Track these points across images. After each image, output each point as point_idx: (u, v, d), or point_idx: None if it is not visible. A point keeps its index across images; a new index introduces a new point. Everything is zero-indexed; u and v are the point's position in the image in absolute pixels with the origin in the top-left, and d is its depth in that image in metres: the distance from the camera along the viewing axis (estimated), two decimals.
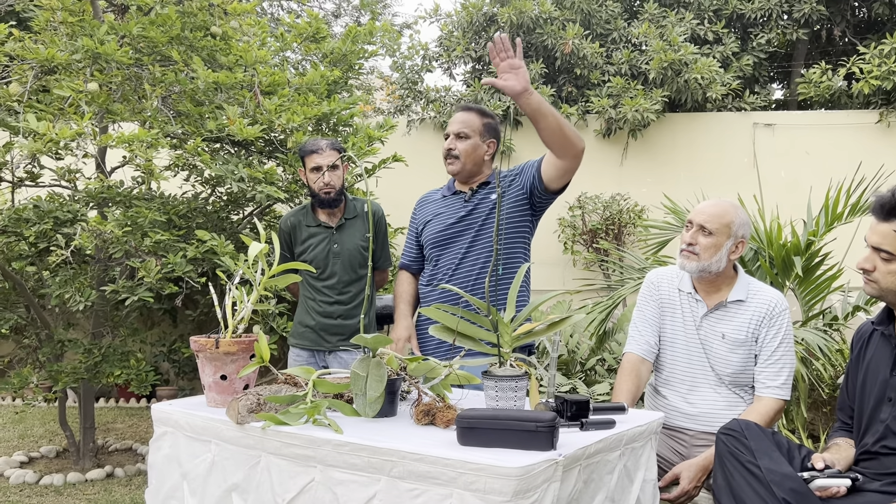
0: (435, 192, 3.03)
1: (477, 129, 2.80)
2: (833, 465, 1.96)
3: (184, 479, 2.08)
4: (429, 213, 2.96)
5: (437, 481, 1.63)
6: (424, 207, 3.01)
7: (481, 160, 2.83)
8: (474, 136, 2.80)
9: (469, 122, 2.80)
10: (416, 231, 3.00)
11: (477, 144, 2.81)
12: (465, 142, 2.80)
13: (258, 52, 4.04)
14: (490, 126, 2.83)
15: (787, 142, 6.51)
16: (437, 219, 2.89)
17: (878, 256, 1.90)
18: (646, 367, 2.60)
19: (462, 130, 2.79)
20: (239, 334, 2.20)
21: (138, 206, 3.62)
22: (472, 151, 2.80)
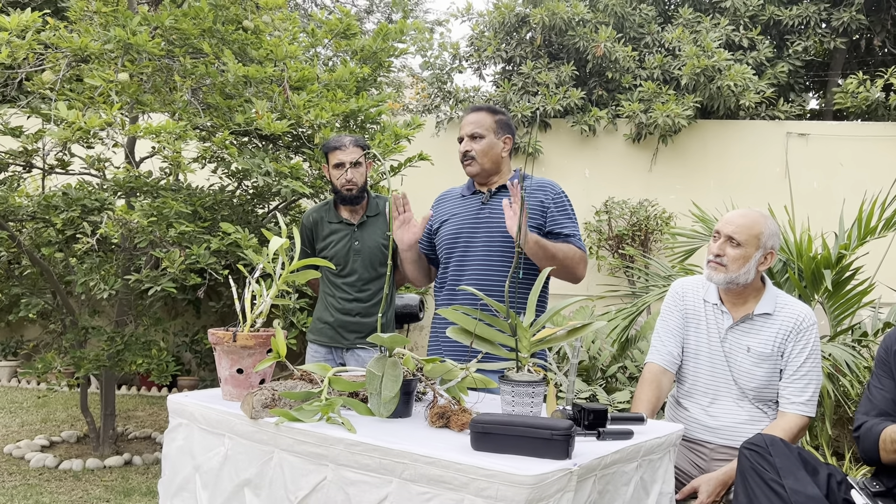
0: (454, 190, 2.96)
1: (490, 127, 2.76)
2: None
3: (196, 471, 2.08)
4: (446, 212, 2.90)
5: (448, 486, 1.61)
6: (442, 205, 2.95)
7: (499, 158, 2.78)
8: (489, 135, 2.75)
9: (481, 122, 2.76)
10: (430, 227, 2.93)
11: (492, 143, 2.76)
12: (480, 142, 2.75)
13: (289, 47, 4.04)
14: (503, 122, 2.79)
15: (820, 152, 6.39)
16: (453, 219, 2.83)
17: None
18: (667, 377, 2.55)
19: (475, 131, 2.75)
20: (257, 328, 2.19)
21: (165, 197, 3.64)
22: (489, 150, 2.75)
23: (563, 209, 2.74)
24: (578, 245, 2.71)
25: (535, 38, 7.23)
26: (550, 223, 2.70)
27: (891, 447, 1.99)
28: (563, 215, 2.73)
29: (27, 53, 3.52)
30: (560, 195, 2.76)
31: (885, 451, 2.01)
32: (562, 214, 2.72)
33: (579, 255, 2.70)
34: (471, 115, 2.81)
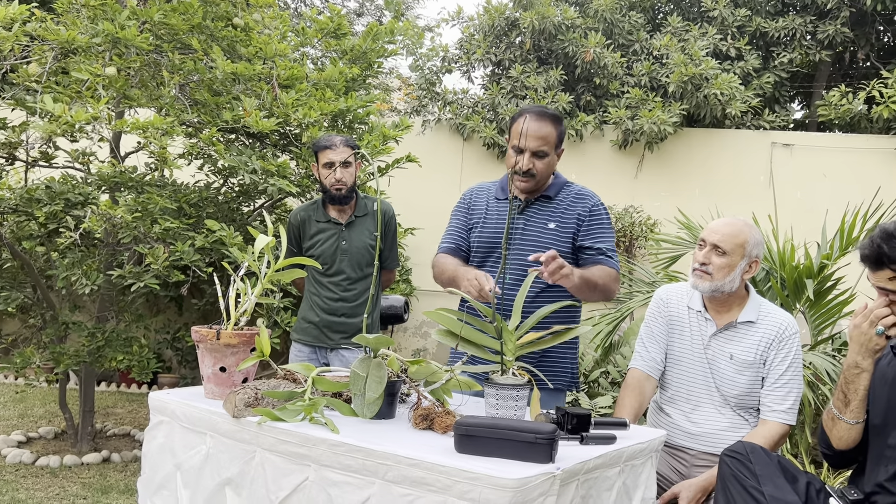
0: (490, 186, 2.71)
1: (553, 143, 2.51)
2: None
3: (177, 469, 2.06)
4: (480, 211, 2.66)
5: (431, 488, 1.61)
6: (478, 202, 2.69)
7: (552, 171, 2.59)
8: (552, 153, 2.51)
9: (548, 138, 2.48)
10: (468, 218, 2.68)
11: (552, 161, 2.54)
12: (544, 160, 2.49)
13: (278, 45, 4.03)
14: (562, 134, 2.56)
15: (804, 163, 6.45)
16: (487, 225, 2.62)
17: (888, 298, 1.89)
18: (650, 383, 2.56)
19: (542, 149, 2.47)
20: (241, 327, 2.18)
21: (150, 193, 3.62)
22: (547, 169, 2.53)
23: (599, 222, 2.59)
24: (612, 264, 2.56)
25: (525, 42, 7.26)
26: (583, 236, 2.56)
27: (829, 423, 2.05)
28: (598, 229, 2.58)
29: (13, 45, 3.48)
30: (598, 207, 2.61)
31: (828, 430, 2.07)
32: (597, 228, 2.58)
33: (614, 276, 2.56)
34: (537, 125, 2.49)
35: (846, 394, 1.99)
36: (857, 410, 1.98)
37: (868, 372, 1.95)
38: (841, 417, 2.00)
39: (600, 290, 2.51)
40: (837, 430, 2.01)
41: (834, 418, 2.01)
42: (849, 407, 1.98)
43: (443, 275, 2.59)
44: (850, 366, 1.98)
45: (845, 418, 1.99)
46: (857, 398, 1.97)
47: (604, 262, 2.55)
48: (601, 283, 2.50)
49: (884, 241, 1.86)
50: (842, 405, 2.00)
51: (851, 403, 1.98)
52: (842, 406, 2.00)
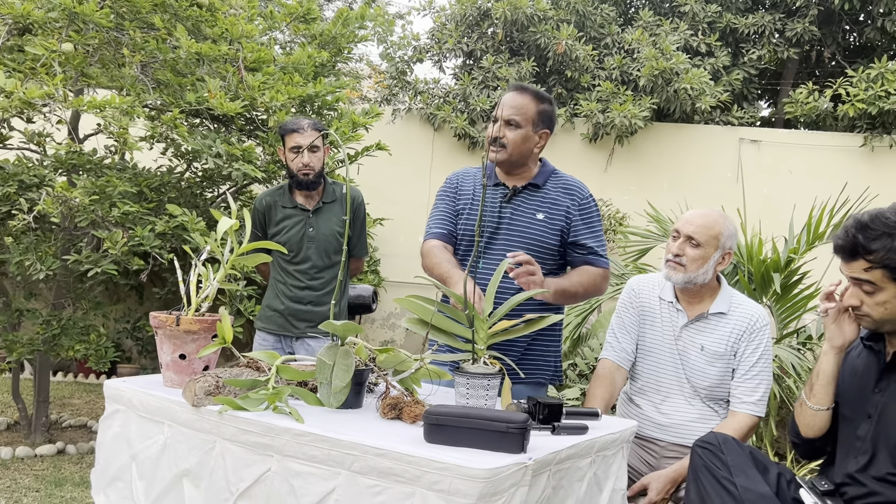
0: (476, 172, 2.64)
1: (531, 117, 2.44)
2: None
3: (133, 460, 1.98)
4: (467, 198, 2.57)
5: (399, 479, 1.55)
6: (464, 187, 2.60)
7: (530, 153, 2.47)
8: (526, 126, 2.44)
9: (523, 109, 2.43)
10: (454, 205, 2.57)
11: (528, 136, 2.45)
12: (516, 131, 2.43)
13: (245, 26, 3.92)
14: (546, 114, 2.47)
15: (771, 159, 6.51)
16: (474, 211, 2.53)
17: (861, 290, 1.88)
18: (621, 374, 2.53)
19: (514, 118, 2.42)
20: (202, 313, 2.10)
21: (109, 175, 3.49)
22: (522, 143, 2.44)
23: (589, 217, 2.52)
24: (601, 263, 2.50)
25: (497, 33, 7.21)
26: (574, 232, 2.49)
27: (797, 409, 2.06)
28: (587, 225, 2.51)
29: None
30: (587, 200, 2.53)
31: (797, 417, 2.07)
32: (586, 224, 2.51)
33: (601, 277, 2.50)
34: (514, 95, 2.46)
35: (811, 378, 1.99)
36: (819, 395, 1.98)
37: (827, 355, 1.96)
38: (806, 402, 2.00)
39: (582, 297, 2.49)
40: (803, 416, 2.01)
41: (801, 403, 2.03)
42: (812, 391, 1.99)
43: (434, 269, 2.46)
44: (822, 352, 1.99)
45: (809, 403, 2.00)
46: (819, 382, 1.97)
47: (593, 262, 2.50)
48: (582, 291, 2.46)
49: (859, 232, 1.85)
50: (808, 390, 2.01)
51: (814, 388, 1.99)
52: (808, 391, 2.01)
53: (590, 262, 2.51)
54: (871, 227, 1.83)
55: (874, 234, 1.83)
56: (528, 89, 2.49)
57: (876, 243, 1.82)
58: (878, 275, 1.85)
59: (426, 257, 2.51)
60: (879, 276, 1.85)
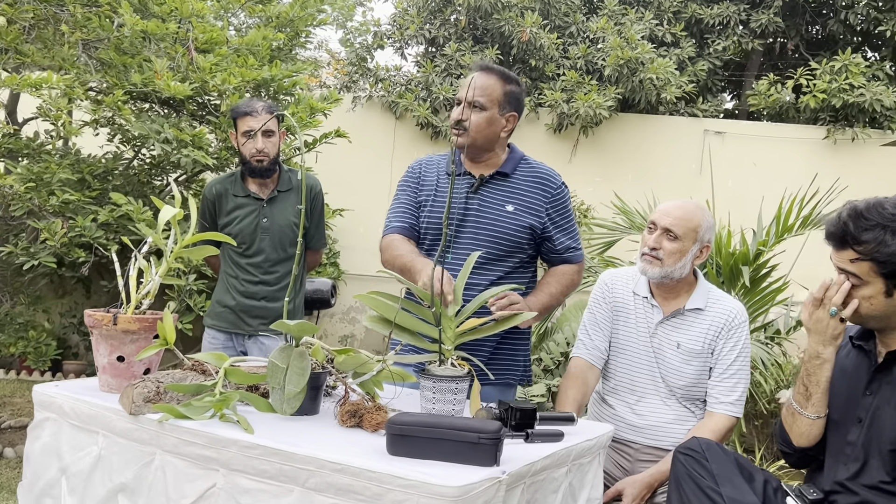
0: (440, 160, 2.46)
1: (496, 99, 2.28)
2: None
3: (63, 474, 1.80)
4: (430, 188, 2.41)
5: (359, 497, 1.41)
6: (427, 174, 2.44)
7: (496, 137, 2.32)
8: (492, 108, 2.28)
9: (488, 90, 2.27)
10: (416, 196, 2.41)
11: (493, 118, 2.29)
12: (480, 114, 2.27)
13: (196, 4, 3.69)
14: (513, 96, 2.32)
15: (736, 151, 6.49)
16: (437, 204, 2.37)
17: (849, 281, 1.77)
18: (594, 373, 2.41)
19: (478, 100, 2.26)
20: (143, 311, 1.92)
21: (47, 161, 3.25)
22: (486, 126, 2.29)
23: (563, 211, 2.39)
24: (577, 257, 2.41)
25: (460, 20, 7.05)
26: (547, 230, 2.35)
27: (789, 419, 1.93)
28: (562, 218, 2.38)
29: None
30: (560, 190, 2.38)
31: (788, 427, 1.94)
32: (561, 217, 2.38)
33: (577, 272, 2.41)
34: (479, 75, 2.30)
35: (807, 387, 1.85)
36: (818, 404, 1.85)
37: (830, 362, 1.83)
38: (802, 412, 1.87)
39: (562, 301, 2.43)
40: (798, 427, 1.87)
41: (794, 413, 1.88)
42: (810, 401, 1.85)
43: (395, 261, 2.28)
44: (811, 357, 1.85)
45: (807, 413, 1.86)
46: (820, 391, 1.84)
47: (569, 259, 2.41)
48: (563, 298, 2.42)
49: (851, 219, 1.74)
50: (803, 399, 1.87)
51: (813, 397, 1.85)
52: (803, 400, 1.87)
53: (566, 259, 2.40)
54: (865, 217, 1.72)
55: (867, 223, 1.72)
56: (495, 69, 2.34)
57: (867, 234, 1.72)
58: (864, 268, 1.75)
59: (386, 251, 2.34)
60: (866, 269, 1.75)
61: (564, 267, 2.40)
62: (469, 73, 2.35)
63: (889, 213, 1.71)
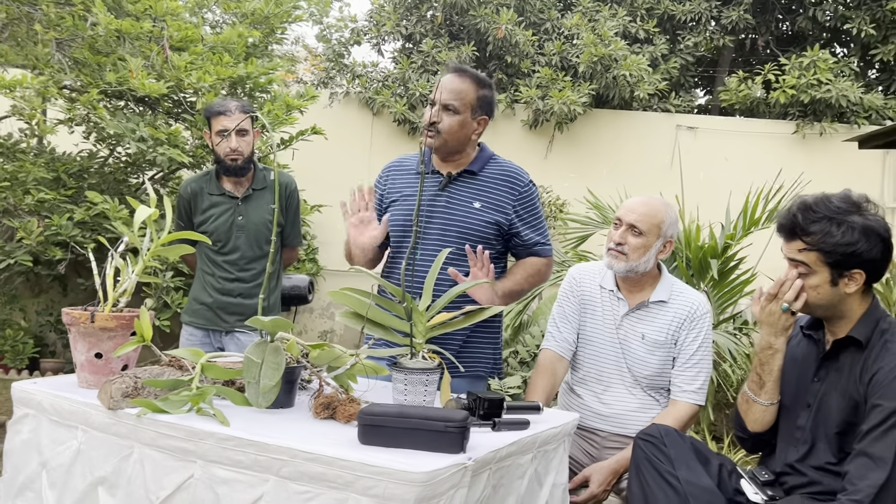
0: (407, 160, 2.54)
1: (469, 102, 2.34)
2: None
3: (43, 468, 1.84)
4: (397, 188, 2.48)
5: (331, 484, 1.47)
6: (394, 179, 2.52)
7: (467, 139, 2.39)
8: (464, 112, 2.34)
9: (462, 94, 2.33)
10: (381, 204, 2.52)
11: (465, 122, 2.35)
12: (454, 117, 2.33)
13: (170, 2, 3.71)
14: (485, 100, 2.39)
15: (707, 146, 6.61)
16: (405, 201, 2.44)
17: (797, 271, 1.87)
18: (562, 364, 2.49)
19: (452, 103, 2.32)
20: (120, 308, 1.96)
21: (22, 160, 3.27)
22: (459, 129, 2.35)
23: (530, 207, 2.44)
24: (544, 252, 2.47)
25: (436, 16, 7.10)
26: (514, 225, 2.41)
27: (744, 406, 2.04)
28: (529, 213, 2.44)
29: None
30: (527, 188, 2.44)
31: (743, 414, 2.05)
32: (528, 212, 2.43)
33: (545, 266, 2.47)
34: (453, 78, 2.36)
35: (761, 375, 1.96)
36: (771, 391, 1.96)
37: (781, 352, 1.93)
38: (756, 400, 1.97)
39: (528, 291, 2.49)
40: (752, 413, 1.98)
41: (749, 401, 1.98)
42: (763, 388, 1.96)
43: (347, 253, 2.50)
44: (763, 348, 1.95)
45: (760, 400, 1.96)
46: (772, 379, 1.94)
47: (537, 253, 2.47)
48: (528, 287, 2.48)
49: (800, 212, 1.84)
50: (756, 387, 1.97)
51: (766, 385, 1.95)
52: (756, 388, 1.97)
53: (534, 253, 2.47)
54: (813, 210, 1.83)
55: (815, 216, 1.83)
56: (469, 72, 2.40)
57: (815, 226, 1.83)
58: (812, 257, 1.85)
59: (349, 253, 2.51)
60: (814, 258, 1.85)
61: (531, 259, 2.47)
62: (444, 73, 2.41)
63: (835, 206, 1.81)
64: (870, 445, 1.72)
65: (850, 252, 1.81)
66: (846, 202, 1.84)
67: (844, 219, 1.81)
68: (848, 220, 1.81)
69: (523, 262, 2.47)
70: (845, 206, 1.83)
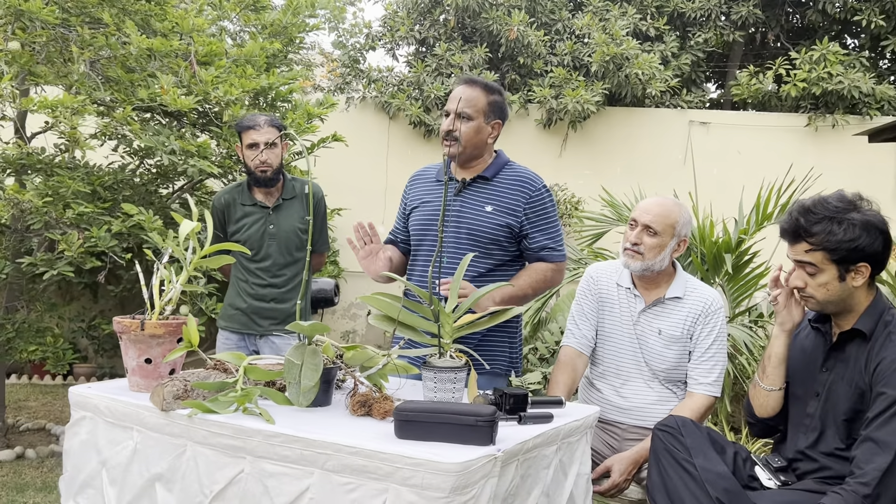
0: (430, 169, 2.70)
1: (481, 109, 2.49)
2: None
3: (103, 466, 1.98)
4: (418, 196, 2.64)
5: (372, 475, 1.59)
6: (416, 187, 2.68)
7: (483, 144, 2.52)
8: (478, 118, 2.48)
9: (473, 101, 2.47)
10: (405, 211, 2.70)
11: (480, 127, 2.49)
12: (468, 124, 2.47)
13: (195, 19, 3.86)
14: (496, 105, 2.52)
15: (720, 141, 6.66)
16: (424, 207, 2.60)
17: (805, 271, 1.97)
18: (582, 360, 2.60)
19: (465, 111, 2.46)
20: (166, 316, 2.10)
21: (61, 176, 3.42)
22: (475, 135, 2.48)
23: (542, 210, 2.53)
24: (554, 257, 2.53)
25: (449, 20, 7.21)
26: (524, 228, 2.51)
27: (752, 390, 2.18)
28: (539, 218, 2.52)
29: None
30: (540, 193, 2.54)
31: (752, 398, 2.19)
32: (539, 217, 2.52)
33: (552, 271, 2.53)
34: (463, 88, 2.51)
35: (763, 360, 2.11)
36: (772, 377, 2.09)
37: (779, 338, 2.09)
38: (759, 384, 2.12)
39: (532, 296, 2.56)
40: (758, 398, 2.12)
41: (755, 385, 2.14)
42: (765, 373, 2.11)
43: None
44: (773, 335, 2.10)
45: (763, 385, 2.11)
46: (771, 364, 2.08)
47: (545, 258, 2.54)
48: (532, 292, 2.54)
49: (801, 215, 1.95)
50: (760, 372, 2.13)
51: (767, 369, 2.10)
52: (760, 373, 2.13)
53: (542, 257, 2.54)
54: (813, 212, 1.93)
55: (816, 217, 1.93)
56: (478, 81, 2.54)
57: (817, 226, 1.93)
58: (818, 256, 1.95)
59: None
60: (820, 257, 1.95)
61: (539, 264, 2.55)
62: (455, 85, 2.56)
63: (833, 206, 1.92)
64: (875, 431, 1.82)
65: (854, 247, 1.91)
66: (842, 201, 1.94)
67: (844, 217, 1.91)
68: (847, 218, 1.91)
69: (529, 268, 2.56)
70: (843, 205, 1.93)
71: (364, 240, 2.51)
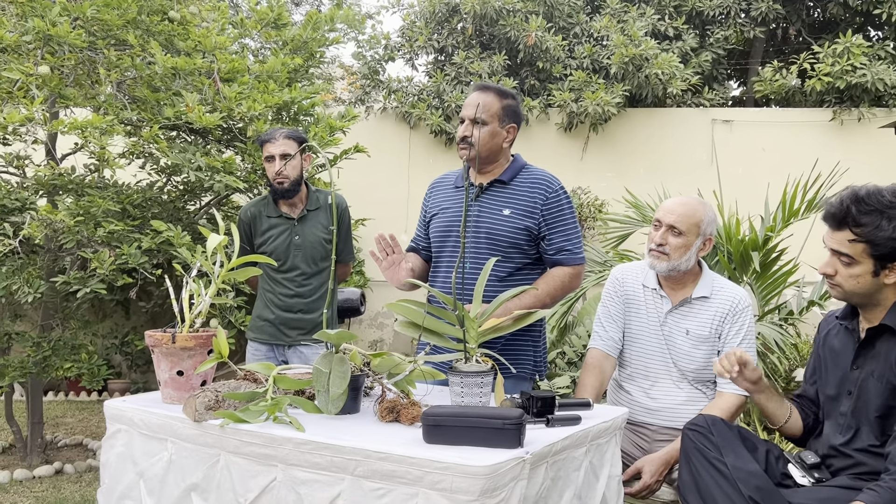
0: (449, 176, 2.74)
1: (496, 113, 2.52)
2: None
3: (140, 478, 2.02)
4: (438, 203, 2.69)
5: (402, 480, 1.60)
6: (435, 195, 2.73)
7: (499, 148, 2.55)
8: (492, 123, 2.52)
9: (487, 106, 2.51)
10: (426, 218, 2.74)
11: (495, 132, 2.53)
12: (483, 129, 2.50)
13: (218, 37, 3.93)
14: (510, 109, 2.55)
15: (743, 138, 6.61)
16: (443, 214, 2.64)
17: (839, 260, 1.93)
18: (610, 362, 2.59)
19: (479, 116, 2.50)
20: (196, 329, 2.13)
21: (91, 195, 3.50)
22: (490, 140, 2.52)
23: (559, 212, 2.54)
24: (571, 260, 2.53)
25: (467, 28, 7.25)
26: (542, 230, 2.53)
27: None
28: (556, 219, 2.54)
29: None
30: (557, 194, 2.55)
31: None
32: (555, 218, 2.54)
33: (569, 276, 2.53)
34: (477, 94, 2.55)
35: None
36: (773, 417, 2.18)
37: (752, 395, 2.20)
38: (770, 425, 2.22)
39: (551, 304, 2.55)
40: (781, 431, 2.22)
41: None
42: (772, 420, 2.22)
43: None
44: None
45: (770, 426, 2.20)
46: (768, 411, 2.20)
47: (562, 261, 2.54)
48: (550, 300, 2.53)
49: (853, 203, 1.88)
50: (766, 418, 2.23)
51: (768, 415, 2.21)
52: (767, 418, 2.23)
53: (559, 261, 2.54)
54: (866, 202, 1.87)
55: (867, 208, 1.87)
56: (491, 87, 2.58)
57: (866, 217, 1.86)
58: (859, 248, 1.90)
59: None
60: (860, 249, 1.90)
61: (556, 270, 2.54)
62: (469, 92, 2.58)
63: (887, 200, 1.86)
64: None
65: None
66: None
67: (895, 213, 1.86)
68: None
69: (546, 275, 2.55)
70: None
71: (386, 251, 2.54)
